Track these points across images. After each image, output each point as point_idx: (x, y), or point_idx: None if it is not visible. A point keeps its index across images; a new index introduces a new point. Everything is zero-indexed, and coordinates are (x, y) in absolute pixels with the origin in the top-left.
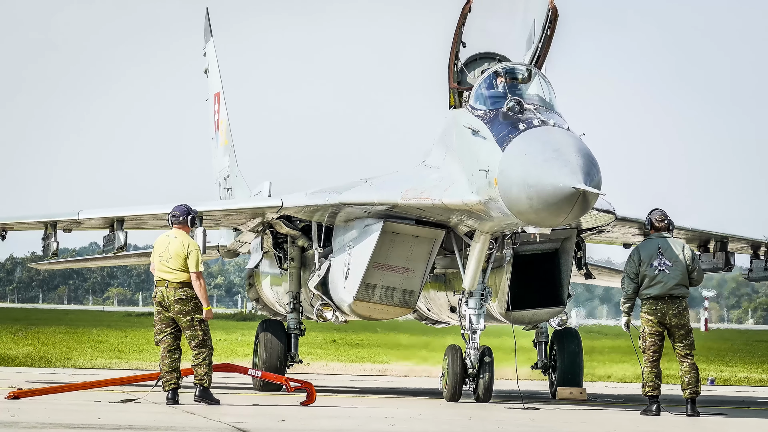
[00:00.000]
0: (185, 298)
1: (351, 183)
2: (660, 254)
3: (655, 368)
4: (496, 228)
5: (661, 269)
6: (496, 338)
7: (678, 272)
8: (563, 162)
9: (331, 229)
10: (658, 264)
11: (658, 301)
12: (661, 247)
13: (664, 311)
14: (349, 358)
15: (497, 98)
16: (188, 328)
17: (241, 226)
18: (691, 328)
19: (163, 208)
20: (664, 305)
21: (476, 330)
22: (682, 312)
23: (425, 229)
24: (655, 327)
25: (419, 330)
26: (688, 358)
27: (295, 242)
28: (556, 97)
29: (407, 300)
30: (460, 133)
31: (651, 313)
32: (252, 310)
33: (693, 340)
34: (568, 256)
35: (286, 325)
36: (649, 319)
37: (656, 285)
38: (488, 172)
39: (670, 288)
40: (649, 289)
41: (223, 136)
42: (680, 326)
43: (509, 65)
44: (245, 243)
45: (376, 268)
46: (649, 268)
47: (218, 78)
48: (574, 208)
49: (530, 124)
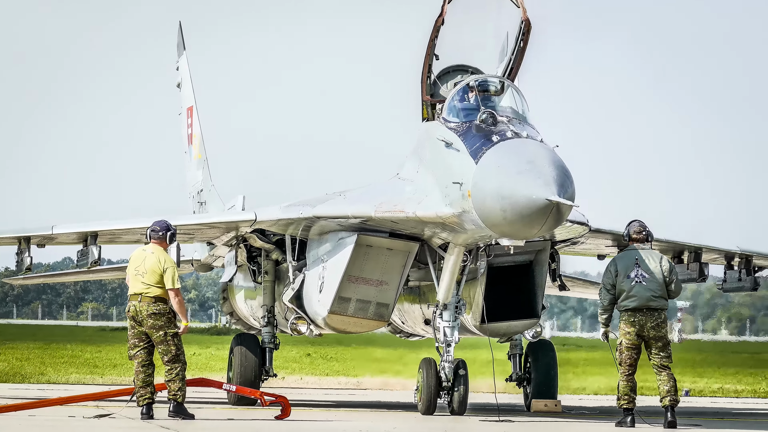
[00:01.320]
0: (158, 312)
1: (325, 196)
2: (637, 266)
3: (631, 381)
4: (470, 240)
5: (637, 281)
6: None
7: (655, 284)
8: (537, 174)
9: (305, 243)
10: (635, 276)
11: (636, 313)
12: (638, 259)
13: (642, 323)
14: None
15: (470, 111)
16: (161, 342)
17: (215, 240)
18: (669, 341)
19: (137, 223)
20: (643, 317)
21: (450, 343)
22: (661, 324)
23: (399, 242)
24: (633, 340)
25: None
26: (666, 369)
27: (269, 256)
28: (529, 109)
29: (381, 313)
30: (433, 145)
31: (629, 324)
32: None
33: (671, 352)
34: (542, 267)
35: (261, 339)
36: (627, 332)
37: (633, 297)
38: (462, 184)
39: (647, 300)
40: (627, 302)
41: (196, 150)
42: (658, 338)
43: (482, 78)
44: (219, 257)
45: (350, 281)
46: (625, 280)
47: (191, 92)
48: (547, 220)
49: (503, 136)
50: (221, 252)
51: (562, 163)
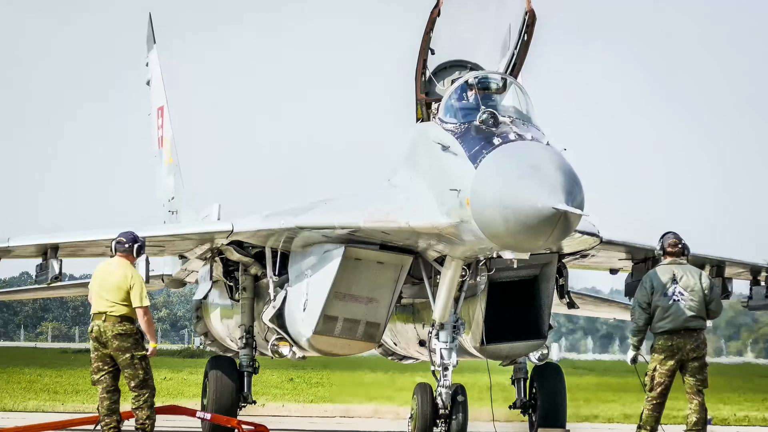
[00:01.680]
0: (124, 333)
1: (309, 205)
2: (674, 282)
3: (657, 411)
4: (469, 253)
5: (675, 299)
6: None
7: (695, 303)
8: (542, 180)
9: (287, 256)
10: (672, 293)
11: (674, 335)
12: (676, 275)
13: (680, 346)
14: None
15: (469, 110)
16: (127, 366)
17: (187, 252)
18: (707, 363)
19: (101, 234)
20: (681, 340)
21: (448, 366)
22: (700, 345)
23: (391, 255)
24: (668, 366)
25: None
26: (699, 395)
27: (247, 270)
28: (534, 108)
29: (372, 333)
30: (428, 148)
31: (665, 349)
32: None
33: (707, 376)
34: (549, 283)
35: (238, 362)
36: (662, 357)
37: (669, 318)
38: (459, 191)
39: (685, 320)
40: (663, 322)
41: (167, 153)
42: (697, 359)
43: (482, 74)
44: (192, 272)
45: (336, 299)
46: (662, 298)
47: (162, 90)
48: (554, 231)
49: (506, 138)
50: (195, 266)
51: (571, 168)
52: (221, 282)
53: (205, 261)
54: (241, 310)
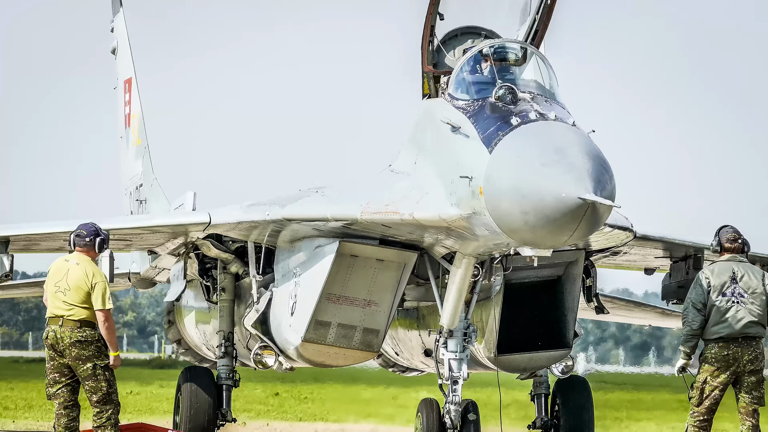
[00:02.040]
0: (84, 340)
1: (298, 193)
2: (734, 282)
3: (705, 430)
4: (483, 249)
5: (735, 301)
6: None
7: (756, 307)
8: (567, 166)
9: (272, 252)
10: (731, 294)
11: (730, 343)
12: (736, 274)
13: (737, 356)
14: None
15: (483, 85)
16: (89, 378)
17: (158, 248)
18: (764, 378)
19: (58, 226)
20: (738, 348)
21: (458, 379)
22: (759, 357)
23: (392, 251)
24: (721, 379)
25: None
26: (754, 416)
27: (226, 268)
28: (558, 83)
29: (370, 341)
30: (436, 129)
31: (719, 360)
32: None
33: (764, 393)
34: (574, 285)
35: (216, 374)
36: (714, 368)
37: (725, 323)
38: (472, 178)
39: (744, 326)
40: (718, 327)
41: (135, 134)
42: (754, 372)
43: (498, 43)
44: (163, 270)
45: (330, 301)
46: (720, 298)
47: (130, 60)
48: (581, 225)
49: (525, 117)
50: (166, 263)
51: (600, 153)
52: (197, 282)
53: (178, 257)
54: (219, 314)
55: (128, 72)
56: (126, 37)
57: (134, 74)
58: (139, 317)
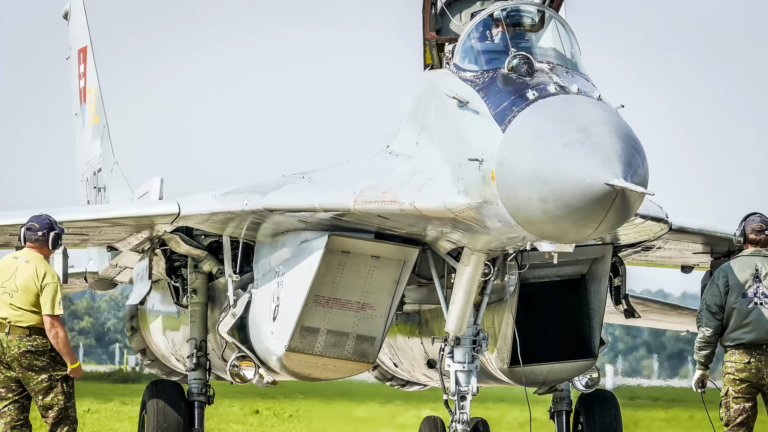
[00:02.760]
0: (36, 350)
1: (281, 180)
2: (757, 280)
3: None
4: (495, 244)
5: (758, 302)
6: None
7: None
8: (593, 146)
9: (251, 248)
10: (754, 295)
11: (753, 350)
12: (760, 271)
13: (759, 367)
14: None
15: (495, 54)
16: (43, 392)
17: (119, 243)
18: None
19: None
20: (762, 357)
21: (466, 395)
22: None
23: (390, 247)
24: (746, 390)
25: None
26: None
27: (198, 267)
28: (581, 52)
29: (364, 351)
30: (440, 105)
31: (740, 368)
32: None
33: None
34: (600, 285)
35: (187, 389)
36: (737, 378)
37: (749, 327)
38: (482, 162)
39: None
40: (739, 332)
41: (92, 111)
42: None
43: (512, 5)
44: (125, 268)
45: (318, 304)
46: (740, 300)
47: (85, 26)
48: (608, 215)
49: (544, 91)
50: (129, 261)
51: (630, 132)
52: (164, 282)
53: (142, 254)
54: (189, 320)
55: (83, 40)
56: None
57: (90, 42)
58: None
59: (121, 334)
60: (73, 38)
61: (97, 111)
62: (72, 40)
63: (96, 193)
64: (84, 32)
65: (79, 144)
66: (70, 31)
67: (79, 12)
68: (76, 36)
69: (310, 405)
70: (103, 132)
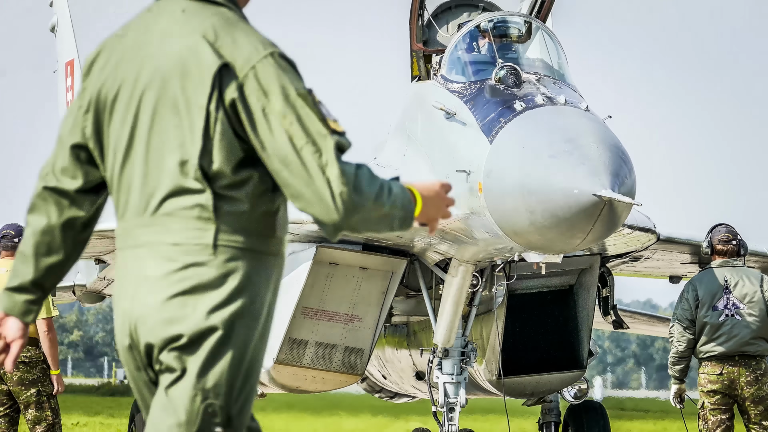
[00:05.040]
0: (29, 361)
1: None
2: (727, 292)
3: None
4: (482, 255)
5: (729, 314)
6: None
7: (755, 318)
8: (580, 157)
9: None
10: (724, 307)
11: (726, 362)
12: (729, 281)
13: (733, 377)
14: None
15: (482, 65)
16: (32, 405)
17: (107, 255)
18: None
19: None
20: (734, 369)
21: (454, 406)
22: (761, 378)
23: (378, 258)
24: (720, 400)
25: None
26: None
27: None
28: (568, 63)
29: (353, 362)
30: (427, 116)
31: (713, 380)
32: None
33: None
34: (589, 295)
35: None
36: (711, 390)
37: (721, 338)
38: (469, 173)
39: (743, 343)
40: (711, 345)
41: None
42: (758, 400)
43: (499, 16)
44: (114, 281)
45: (306, 316)
46: (710, 313)
47: (72, 39)
48: (596, 225)
49: (531, 102)
50: None
51: (618, 143)
52: None
53: None
54: None
55: (70, 53)
56: (67, 12)
57: (77, 56)
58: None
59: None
60: (60, 51)
61: None
62: (59, 53)
63: None
64: (71, 45)
65: None
66: (57, 44)
67: (66, 25)
68: (63, 49)
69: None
70: None
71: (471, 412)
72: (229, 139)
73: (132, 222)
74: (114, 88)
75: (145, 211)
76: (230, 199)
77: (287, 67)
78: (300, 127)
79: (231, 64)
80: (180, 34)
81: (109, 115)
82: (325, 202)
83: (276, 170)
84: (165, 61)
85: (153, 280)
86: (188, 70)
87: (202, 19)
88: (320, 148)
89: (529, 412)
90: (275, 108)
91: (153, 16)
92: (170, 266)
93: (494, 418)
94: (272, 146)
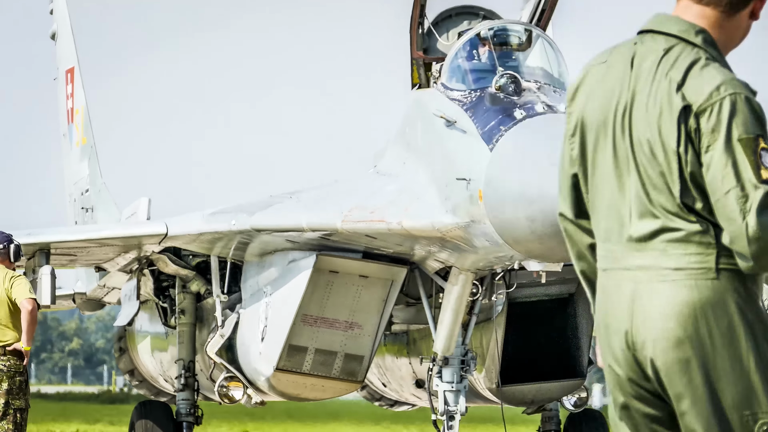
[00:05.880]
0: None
1: (269, 199)
2: None
3: None
4: (483, 263)
5: None
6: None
7: None
8: None
9: (239, 268)
10: None
11: None
12: None
13: None
14: None
15: (482, 73)
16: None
17: (107, 263)
18: None
19: None
20: None
21: (454, 414)
22: None
23: (378, 266)
24: None
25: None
26: None
27: (186, 287)
28: (568, 71)
29: (353, 370)
30: (428, 124)
31: None
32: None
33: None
34: (589, 304)
35: (175, 410)
36: None
37: None
38: (470, 181)
39: None
40: None
41: (79, 131)
42: None
43: (499, 24)
44: (113, 289)
45: (306, 324)
46: None
47: (72, 46)
48: None
49: (531, 110)
50: (117, 282)
51: None
52: (152, 303)
53: (130, 275)
54: (178, 340)
55: (70, 60)
56: (68, 20)
57: (77, 63)
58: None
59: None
60: (60, 59)
61: (84, 131)
62: (59, 60)
63: (83, 214)
64: (71, 53)
65: (66, 164)
66: (58, 51)
67: (67, 32)
68: (64, 56)
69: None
70: (90, 152)
71: (470, 421)
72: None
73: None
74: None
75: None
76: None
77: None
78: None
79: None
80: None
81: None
82: (741, 244)
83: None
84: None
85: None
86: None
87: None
88: (747, 195)
89: (529, 420)
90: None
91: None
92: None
93: (493, 427)
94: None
